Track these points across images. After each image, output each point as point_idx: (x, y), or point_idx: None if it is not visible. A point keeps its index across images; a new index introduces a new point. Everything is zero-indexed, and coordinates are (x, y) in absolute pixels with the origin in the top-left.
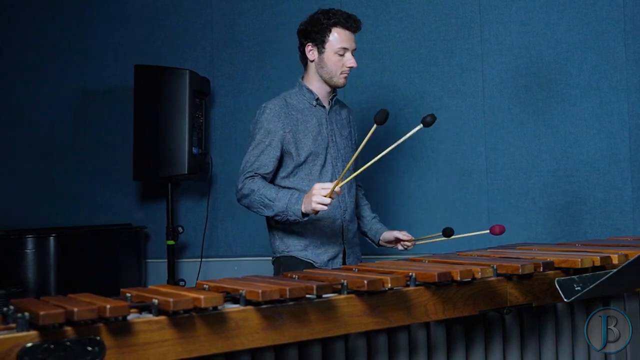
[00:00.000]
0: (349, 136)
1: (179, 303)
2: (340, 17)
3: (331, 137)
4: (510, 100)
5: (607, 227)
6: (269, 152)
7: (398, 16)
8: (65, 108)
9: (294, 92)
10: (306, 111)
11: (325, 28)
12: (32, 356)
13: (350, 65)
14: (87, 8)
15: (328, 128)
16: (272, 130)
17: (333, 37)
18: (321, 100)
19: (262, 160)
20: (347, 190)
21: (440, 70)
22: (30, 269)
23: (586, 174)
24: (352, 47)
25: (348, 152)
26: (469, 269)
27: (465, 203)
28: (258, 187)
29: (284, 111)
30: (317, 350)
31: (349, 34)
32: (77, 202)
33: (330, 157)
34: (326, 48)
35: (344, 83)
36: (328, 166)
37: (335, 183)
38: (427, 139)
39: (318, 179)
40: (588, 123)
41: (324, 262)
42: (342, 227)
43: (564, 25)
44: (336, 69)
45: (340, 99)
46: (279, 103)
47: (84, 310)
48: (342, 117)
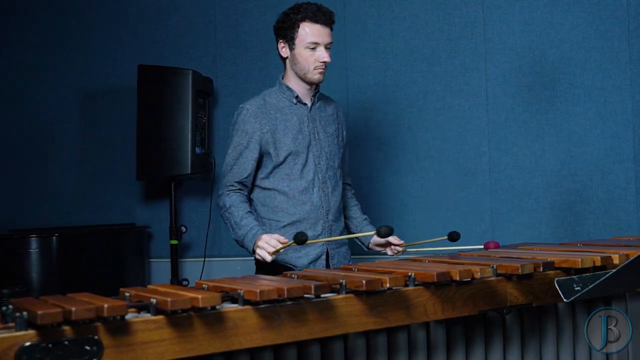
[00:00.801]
0: (334, 133)
1: (177, 302)
2: (308, 11)
3: (313, 135)
4: (514, 100)
5: (610, 227)
6: (246, 154)
7: (401, 16)
8: (69, 108)
9: (274, 90)
10: (286, 109)
11: (294, 23)
12: (30, 355)
13: (323, 60)
14: (90, 8)
15: (310, 126)
16: (249, 132)
17: (302, 32)
18: (301, 98)
19: (240, 163)
20: (331, 190)
21: (444, 70)
22: (34, 268)
23: (590, 174)
24: (324, 42)
25: (333, 149)
26: (468, 269)
27: (468, 203)
28: (230, 204)
29: (261, 111)
30: (316, 350)
31: (319, 27)
32: (81, 202)
33: (313, 155)
34: (296, 44)
35: (319, 79)
36: (310, 165)
37: (283, 246)
38: (430, 138)
39: (299, 178)
40: (592, 122)
41: (304, 265)
42: (325, 228)
43: (567, 25)
44: (308, 64)
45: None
46: (256, 103)
47: (82, 309)
48: (327, 113)
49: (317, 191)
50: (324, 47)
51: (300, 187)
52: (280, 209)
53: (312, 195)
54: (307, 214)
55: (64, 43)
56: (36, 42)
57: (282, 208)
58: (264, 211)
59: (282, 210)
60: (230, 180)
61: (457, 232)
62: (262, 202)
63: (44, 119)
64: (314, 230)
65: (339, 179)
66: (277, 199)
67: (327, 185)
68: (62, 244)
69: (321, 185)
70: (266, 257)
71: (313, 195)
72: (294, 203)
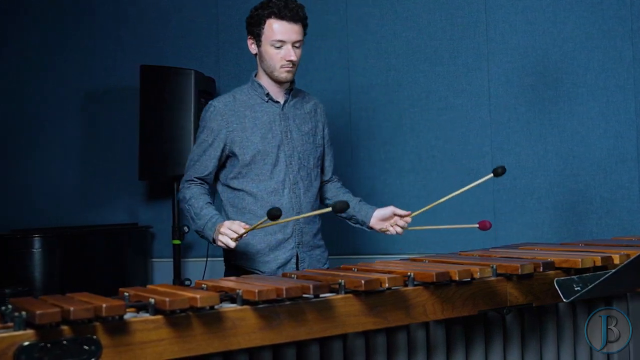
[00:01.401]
0: (310, 132)
1: (175, 302)
2: (274, 7)
3: (285, 134)
4: (516, 100)
5: (613, 227)
6: (210, 152)
7: (404, 15)
8: (71, 108)
9: (246, 87)
10: (257, 107)
11: (261, 19)
12: (29, 355)
13: (290, 59)
14: (92, 8)
15: (282, 124)
16: (214, 129)
17: (268, 29)
18: (273, 95)
19: (203, 160)
20: (303, 191)
21: (446, 70)
22: (36, 268)
23: (593, 174)
24: (290, 39)
25: (307, 148)
26: (467, 269)
27: (471, 203)
28: (190, 196)
29: (229, 108)
30: (315, 349)
31: (285, 24)
32: (83, 202)
33: (284, 155)
34: (262, 41)
35: (286, 78)
36: (281, 165)
37: (247, 229)
38: (433, 138)
39: (269, 179)
40: (595, 122)
41: (272, 271)
42: (295, 231)
43: (570, 24)
44: (274, 62)
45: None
46: (225, 100)
47: (80, 309)
48: (303, 111)
49: (288, 192)
50: (292, 45)
51: (269, 188)
52: (249, 210)
53: (282, 196)
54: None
55: (65, 43)
56: (37, 42)
57: (250, 210)
58: (233, 212)
59: (250, 211)
60: (192, 175)
61: (503, 166)
62: (231, 202)
63: (46, 119)
64: (284, 233)
65: (314, 179)
66: (246, 200)
67: (298, 187)
68: (65, 244)
69: (292, 187)
70: (229, 244)
71: (283, 196)
72: (263, 205)
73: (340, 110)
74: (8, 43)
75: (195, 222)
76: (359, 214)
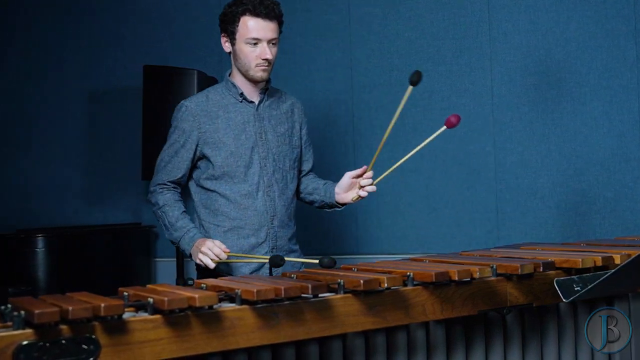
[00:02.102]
0: (286, 133)
1: (174, 302)
2: (249, 4)
3: (260, 135)
4: (519, 99)
5: (617, 227)
6: (182, 154)
7: (406, 15)
8: (74, 108)
9: (219, 86)
10: (230, 107)
11: (235, 17)
12: (28, 354)
13: (265, 57)
14: (95, 8)
15: (256, 125)
16: (186, 130)
17: (242, 27)
18: (247, 95)
19: (175, 162)
20: (278, 194)
21: (449, 70)
22: (40, 267)
23: (596, 173)
24: (266, 37)
25: (283, 150)
26: (467, 269)
27: (474, 202)
28: (164, 204)
29: (201, 108)
30: (315, 349)
31: (260, 21)
32: (87, 202)
33: (258, 156)
34: (237, 39)
35: (262, 77)
36: (255, 167)
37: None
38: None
39: (242, 182)
40: (598, 122)
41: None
42: (269, 235)
43: (573, 24)
44: (249, 61)
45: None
46: (197, 100)
47: (79, 309)
48: (279, 111)
49: (262, 195)
50: (267, 43)
51: (243, 191)
52: (222, 212)
53: (256, 200)
54: (250, 220)
55: (67, 43)
56: (40, 42)
57: (223, 212)
58: (205, 214)
59: (223, 214)
60: (163, 178)
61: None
62: (203, 203)
63: (49, 119)
64: (257, 237)
65: (290, 182)
66: (219, 202)
67: (273, 190)
68: (68, 243)
69: (266, 190)
70: (209, 264)
71: (257, 200)
72: (236, 207)
73: (343, 110)
74: (11, 43)
75: (170, 232)
76: (325, 197)
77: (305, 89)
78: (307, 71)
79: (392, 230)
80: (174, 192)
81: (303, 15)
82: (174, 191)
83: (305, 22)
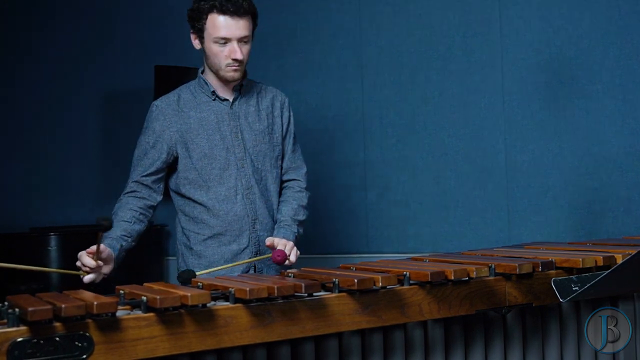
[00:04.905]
0: (266, 130)
1: (167, 300)
2: (216, 1)
3: (235, 135)
4: (531, 97)
5: (630, 226)
6: (152, 154)
7: (416, 13)
8: (89, 109)
9: (192, 84)
10: (203, 106)
11: (201, 14)
12: (22, 351)
13: (235, 57)
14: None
15: (231, 124)
16: (157, 131)
17: (210, 25)
18: (219, 93)
19: (145, 162)
20: (258, 195)
21: (459, 67)
22: (53, 266)
23: (609, 172)
24: (235, 36)
25: (262, 148)
26: (464, 269)
27: (485, 201)
28: (117, 208)
29: (172, 108)
30: (310, 348)
31: (228, 19)
32: (101, 201)
33: (235, 157)
34: (205, 37)
35: (233, 77)
36: (231, 169)
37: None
38: (446, 136)
39: (218, 185)
40: (611, 120)
41: None
42: (251, 240)
43: (585, 20)
44: (219, 61)
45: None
46: (168, 100)
47: (72, 306)
48: (257, 107)
49: (241, 199)
50: (237, 42)
51: (220, 196)
52: (201, 219)
53: (235, 204)
54: (230, 226)
55: (84, 45)
56: (55, 44)
57: (202, 219)
58: (185, 221)
59: (202, 221)
60: (131, 185)
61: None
62: (182, 210)
63: (64, 120)
64: (239, 244)
65: (272, 182)
66: (197, 209)
67: (252, 192)
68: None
69: (245, 192)
70: (85, 280)
71: (236, 204)
72: (214, 214)
73: (354, 109)
74: (27, 46)
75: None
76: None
77: (316, 87)
78: (318, 70)
79: (403, 229)
80: (132, 197)
81: (314, 15)
82: (133, 196)
83: (316, 22)
